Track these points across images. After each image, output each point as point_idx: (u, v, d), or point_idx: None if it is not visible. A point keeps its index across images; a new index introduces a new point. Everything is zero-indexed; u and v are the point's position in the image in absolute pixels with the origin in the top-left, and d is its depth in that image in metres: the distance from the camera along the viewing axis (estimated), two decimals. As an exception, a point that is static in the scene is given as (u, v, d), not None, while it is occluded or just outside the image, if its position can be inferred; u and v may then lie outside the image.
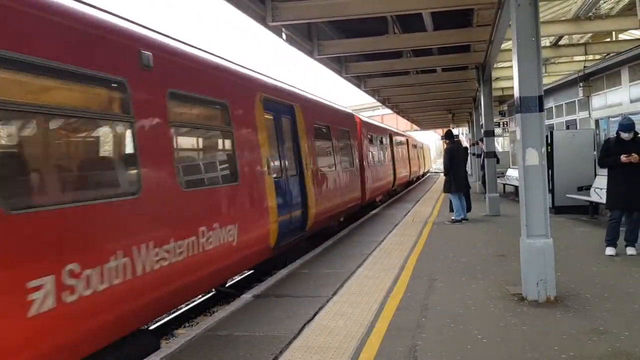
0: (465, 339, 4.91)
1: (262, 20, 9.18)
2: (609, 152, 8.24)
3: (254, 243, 7.51)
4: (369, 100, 27.24)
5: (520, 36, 6.00)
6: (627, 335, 4.82)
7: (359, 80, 17.53)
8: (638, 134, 8.13)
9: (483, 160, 16.53)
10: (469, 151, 19.74)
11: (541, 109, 5.99)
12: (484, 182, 18.11)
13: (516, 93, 6.10)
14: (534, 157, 6.01)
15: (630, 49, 12.14)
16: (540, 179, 6.03)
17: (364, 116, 20.18)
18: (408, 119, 39.63)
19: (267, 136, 8.32)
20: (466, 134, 40.91)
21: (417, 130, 53.14)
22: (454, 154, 13.19)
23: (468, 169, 17.99)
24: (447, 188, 13.12)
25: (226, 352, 4.89)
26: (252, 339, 5.20)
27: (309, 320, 5.66)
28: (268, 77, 9.29)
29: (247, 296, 6.81)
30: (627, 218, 8.28)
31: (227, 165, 7.22)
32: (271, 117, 8.84)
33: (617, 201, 8.24)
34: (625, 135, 8.02)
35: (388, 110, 34.14)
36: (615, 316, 5.38)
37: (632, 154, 7.87)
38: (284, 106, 9.54)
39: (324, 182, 11.40)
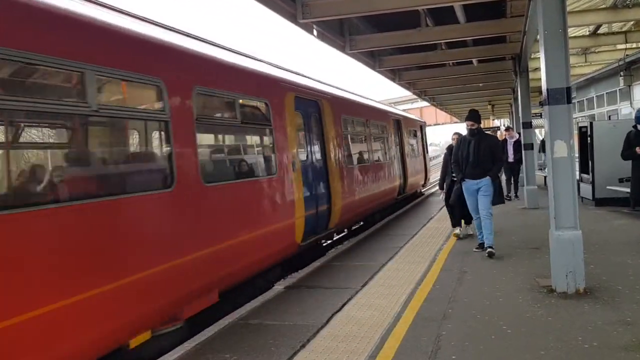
0: (490, 330, 4.99)
1: (292, 18, 9.34)
2: (629, 145, 8.20)
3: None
4: (405, 93, 27.08)
5: (547, 28, 5.99)
6: (654, 326, 4.80)
7: (393, 74, 17.51)
8: None
9: (513, 154, 15.63)
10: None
11: (569, 101, 5.97)
12: (510, 180, 16.30)
13: (544, 85, 6.09)
14: (563, 149, 5.99)
15: (673, 36, 11.77)
16: (568, 171, 6.00)
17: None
18: (446, 112, 39.23)
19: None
20: (506, 125, 40.15)
21: (457, 122, 52.46)
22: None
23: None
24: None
25: (256, 339, 5.12)
26: (282, 327, 5.42)
27: (337, 311, 5.83)
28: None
29: (279, 287, 7.04)
30: None
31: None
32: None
33: (639, 194, 8.22)
34: None
35: (426, 103, 33.89)
36: (644, 308, 5.34)
37: None
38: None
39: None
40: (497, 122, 45.55)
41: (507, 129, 17.38)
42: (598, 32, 14.70)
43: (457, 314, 5.50)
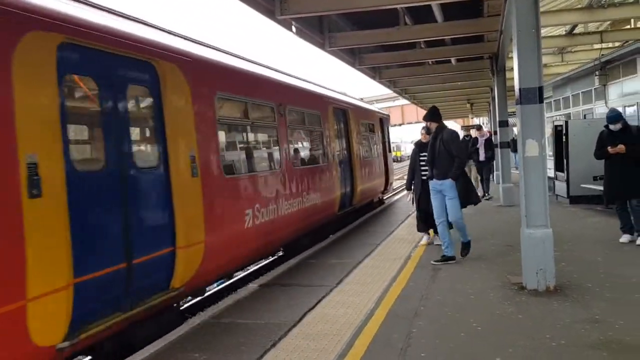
0: (460, 327, 5.02)
1: (270, 14, 9.27)
2: (601, 145, 8.42)
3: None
4: (386, 91, 27.16)
5: (520, 27, 6.05)
6: (621, 324, 4.87)
7: (374, 72, 17.51)
8: (628, 124, 8.33)
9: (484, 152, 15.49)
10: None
11: (541, 101, 6.03)
12: (482, 180, 15.93)
13: (516, 84, 6.15)
14: (534, 148, 6.05)
15: (646, 36, 11.95)
16: (540, 170, 6.07)
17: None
18: (427, 110, 39.40)
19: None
20: (485, 123, 40.58)
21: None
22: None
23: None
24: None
25: (227, 338, 5.09)
26: (254, 326, 5.39)
27: (311, 309, 5.83)
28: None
29: (253, 285, 7.02)
30: (630, 208, 8.33)
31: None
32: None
33: (612, 192, 8.49)
34: (612, 127, 8.22)
35: (407, 101, 34.04)
36: (613, 305, 5.42)
37: (618, 145, 8.01)
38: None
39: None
40: (476, 121, 45.92)
41: (479, 127, 17.29)
42: (574, 31, 14.88)
43: (429, 312, 5.53)
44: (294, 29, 10.54)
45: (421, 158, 8.67)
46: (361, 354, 4.49)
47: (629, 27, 17.23)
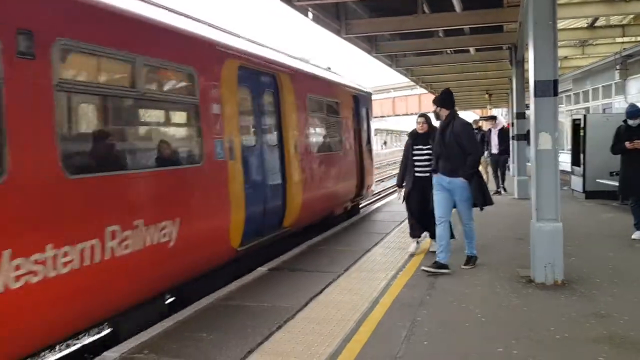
0: (465, 317, 5.05)
1: (287, 0, 9.29)
2: (618, 139, 8.41)
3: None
4: (403, 79, 27.00)
5: (537, 19, 6.00)
6: (626, 319, 4.87)
7: (391, 60, 17.41)
8: None
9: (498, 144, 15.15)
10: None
11: (555, 94, 5.99)
12: (497, 173, 15.50)
13: (531, 77, 6.11)
14: (547, 141, 6.02)
15: (669, 31, 11.74)
16: (552, 164, 6.04)
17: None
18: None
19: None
20: (504, 115, 40.14)
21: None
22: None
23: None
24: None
25: (234, 319, 5.18)
26: (260, 309, 5.47)
27: (317, 294, 5.89)
28: None
29: (262, 269, 7.10)
30: None
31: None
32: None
33: (627, 188, 8.46)
34: (632, 122, 8.20)
35: (425, 90, 33.81)
36: (619, 301, 5.41)
37: (635, 140, 7.98)
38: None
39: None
40: (495, 112, 45.48)
41: (490, 118, 16.91)
42: (596, 24, 14.62)
43: (435, 301, 5.56)
44: (310, 15, 10.53)
45: (415, 152, 7.71)
46: (365, 340, 4.54)
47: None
